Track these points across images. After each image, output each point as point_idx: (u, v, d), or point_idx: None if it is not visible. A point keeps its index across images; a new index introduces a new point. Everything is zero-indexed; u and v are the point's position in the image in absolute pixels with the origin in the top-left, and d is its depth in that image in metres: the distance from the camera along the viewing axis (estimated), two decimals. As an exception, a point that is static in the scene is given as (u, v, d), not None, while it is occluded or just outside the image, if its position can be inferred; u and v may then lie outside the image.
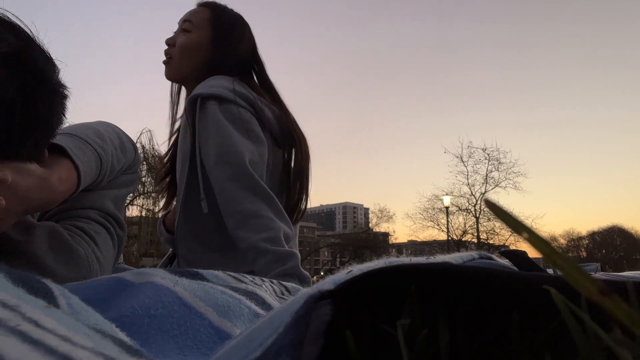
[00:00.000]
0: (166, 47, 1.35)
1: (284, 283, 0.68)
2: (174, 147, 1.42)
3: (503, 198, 19.06)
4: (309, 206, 1.39)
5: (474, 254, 0.43)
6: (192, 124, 1.23)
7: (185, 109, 1.27)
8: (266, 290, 0.59)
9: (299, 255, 1.13)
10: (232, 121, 1.19)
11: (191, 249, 1.27)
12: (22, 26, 0.60)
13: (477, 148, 20.68)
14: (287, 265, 1.06)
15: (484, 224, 19.42)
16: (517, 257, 0.43)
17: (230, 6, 1.40)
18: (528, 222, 0.37)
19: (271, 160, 1.27)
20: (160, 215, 1.50)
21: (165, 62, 1.35)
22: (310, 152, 1.38)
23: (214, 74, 1.28)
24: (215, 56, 1.32)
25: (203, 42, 1.32)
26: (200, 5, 1.38)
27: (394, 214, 28.52)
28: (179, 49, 1.32)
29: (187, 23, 1.34)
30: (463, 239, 19.88)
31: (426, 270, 0.25)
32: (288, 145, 1.32)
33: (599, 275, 0.53)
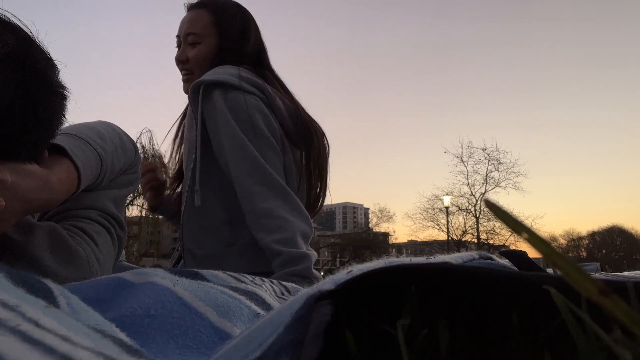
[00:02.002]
0: (179, 64, 1.33)
1: (284, 283, 0.68)
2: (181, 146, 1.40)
3: (503, 198, 19.09)
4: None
5: (474, 254, 0.43)
6: (197, 113, 1.21)
7: (189, 98, 1.24)
8: (266, 290, 0.59)
9: (314, 255, 1.12)
10: (238, 118, 1.16)
11: (198, 244, 1.24)
12: (22, 27, 0.60)
13: (477, 148, 20.74)
14: (299, 267, 1.06)
15: (484, 224, 19.45)
16: (517, 257, 0.43)
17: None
18: (528, 222, 0.37)
19: (286, 158, 1.24)
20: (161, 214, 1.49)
21: (185, 80, 1.33)
22: (328, 145, 1.34)
23: None
24: (223, 57, 1.29)
25: (214, 48, 1.30)
26: (193, 8, 1.33)
27: (394, 214, 28.55)
28: (196, 63, 1.30)
29: (192, 36, 1.30)
30: (463, 239, 19.90)
31: (426, 270, 0.25)
32: (304, 143, 1.27)
33: (599, 275, 0.53)
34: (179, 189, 1.43)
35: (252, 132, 1.17)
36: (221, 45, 1.30)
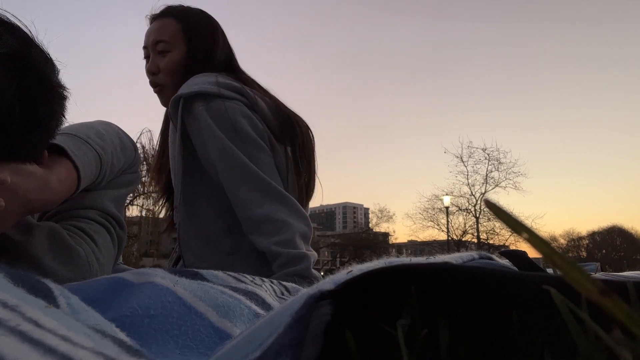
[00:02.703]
0: (150, 76, 1.30)
1: (284, 283, 0.68)
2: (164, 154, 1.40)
3: (503, 198, 19.09)
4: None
5: (474, 254, 0.43)
6: (179, 127, 1.20)
7: (169, 113, 1.22)
8: (266, 290, 0.59)
9: (314, 255, 1.12)
10: (223, 127, 1.15)
11: (200, 257, 1.23)
12: (22, 27, 0.59)
13: (477, 148, 20.73)
14: (298, 267, 1.06)
15: (484, 224, 19.44)
16: (517, 257, 0.43)
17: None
18: (528, 222, 0.37)
19: (277, 159, 1.23)
20: (161, 215, 1.49)
21: (157, 92, 1.31)
22: (312, 134, 1.33)
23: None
24: (196, 62, 1.27)
25: (184, 55, 1.27)
26: (159, 17, 1.31)
27: (394, 214, 28.51)
28: (166, 73, 1.27)
29: (161, 44, 1.27)
30: (463, 239, 19.89)
31: (426, 270, 0.25)
32: (288, 137, 1.26)
33: (599, 275, 0.53)
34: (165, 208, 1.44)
35: (239, 138, 1.16)
36: (191, 52, 1.27)
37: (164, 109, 1.40)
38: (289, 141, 1.26)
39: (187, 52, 1.27)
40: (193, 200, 1.23)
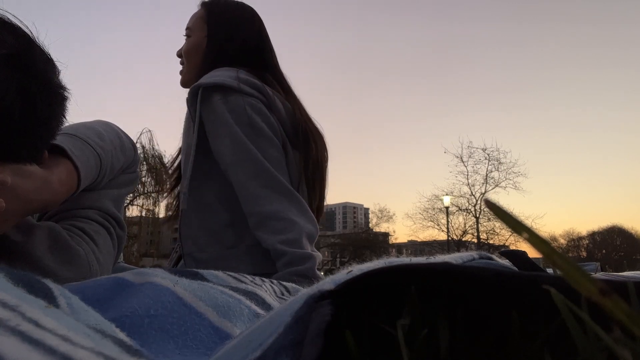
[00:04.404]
0: (179, 60, 1.38)
1: (284, 283, 0.68)
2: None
3: (503, 198, 19.09)
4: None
5: (474, 254, 0.43)
6: (195, 116, 1.21)
7: (187, 100, 1.24)
8: (266, 291, 0.59)
9: (319, 256, 1.12)
10: (239, 121, 1.16)
11: (200, 247, 1.23)
12: (23, 27, 0.60)
13: (477, 148, 20.72)
14: (302, 267, 1.06)
15: (484, 224, 19.44)
16: (517, 257, 0.43)
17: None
18: (528, 222, 0.37)
19: (288, 158, 1.24)
20: (160, 214, 1.49)
21: (180, 73, 1.38)
22: (327, 148, 1.35)
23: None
24: (211, 50, 1.30)
25: (201, 42, 1.32)
26: (199, 6, 1.38)
27: (394, 214, 28.46)
28: (186, 56, 1.34)
29: (187, 30, 1.36)
30: (463, 239, 19.89)
31: (426, 270, 0.25)
32: (303, 146, 1.27)
33: (599, 275, 0.53)
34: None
35: (254, 134, 1.17)
36: (209, 40, 1.31)
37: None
38: (302, 151, 1.27)
39: (204, 41, 1.32)
40: (200, 190, 1.23)
